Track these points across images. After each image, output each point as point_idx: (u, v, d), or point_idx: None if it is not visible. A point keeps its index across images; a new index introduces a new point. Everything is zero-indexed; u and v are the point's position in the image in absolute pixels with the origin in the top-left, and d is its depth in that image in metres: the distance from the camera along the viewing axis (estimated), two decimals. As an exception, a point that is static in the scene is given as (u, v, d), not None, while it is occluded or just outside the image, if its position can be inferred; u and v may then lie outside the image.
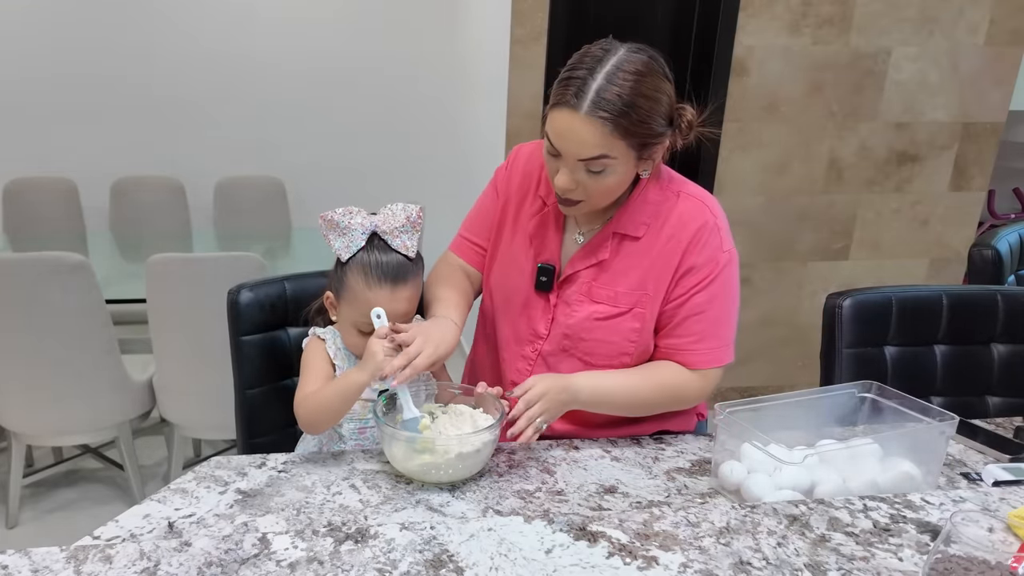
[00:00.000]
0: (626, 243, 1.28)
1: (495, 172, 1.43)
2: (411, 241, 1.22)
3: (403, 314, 1.22)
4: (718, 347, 1.28)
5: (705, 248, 1.24)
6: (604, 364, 1.29)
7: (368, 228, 1.20)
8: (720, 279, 1.25)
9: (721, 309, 1.27)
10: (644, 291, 1.26)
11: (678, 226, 1.25)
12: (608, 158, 1.14)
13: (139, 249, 3.27)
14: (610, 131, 1.11)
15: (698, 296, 1.25)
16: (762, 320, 3.18)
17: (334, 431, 1.29)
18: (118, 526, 1.00)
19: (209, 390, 2.29)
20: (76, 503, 2.61)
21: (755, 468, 1.12)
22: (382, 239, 1.20)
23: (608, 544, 0.90)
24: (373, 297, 1.19)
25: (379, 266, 1.18)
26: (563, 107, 1.12)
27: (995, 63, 2.98)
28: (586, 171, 1.16)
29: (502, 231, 1.39)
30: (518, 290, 1.35)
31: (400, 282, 1.20)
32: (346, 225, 1.19)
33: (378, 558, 0.86)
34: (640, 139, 1.14)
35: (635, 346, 1.28)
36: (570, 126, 1.12)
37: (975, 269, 2.16)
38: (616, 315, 1.27)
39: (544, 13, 2.73)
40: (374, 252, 1.19)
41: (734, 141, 2.94)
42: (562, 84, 1.14)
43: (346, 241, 1.19)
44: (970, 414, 1.40)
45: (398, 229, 1.20)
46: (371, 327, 1.19)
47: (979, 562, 0.75)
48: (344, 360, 1.28)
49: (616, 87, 1.10)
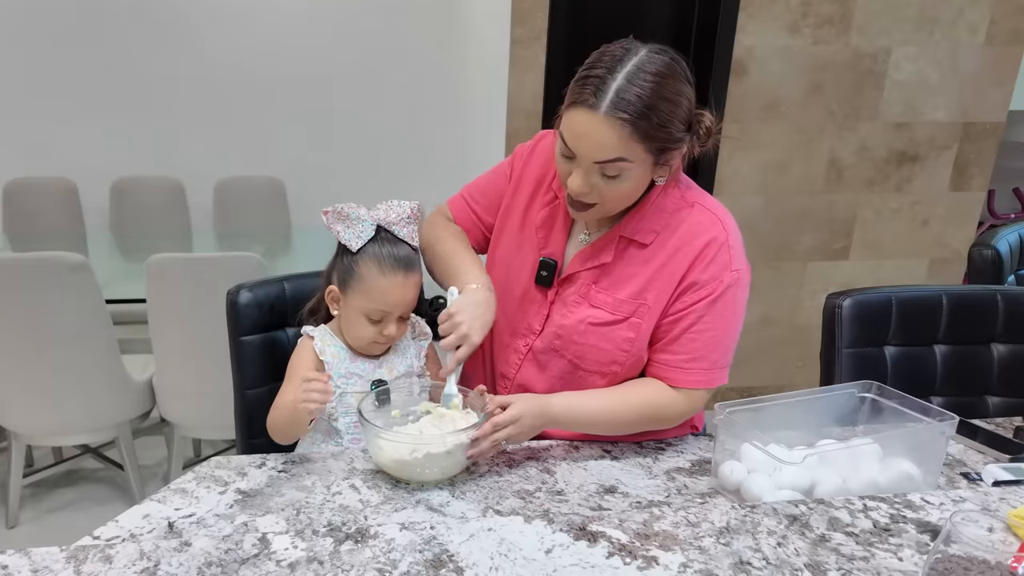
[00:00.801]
0: (632, 249, 1.24)
1: (515, 150, 1.40)
2: (414, 232, 1.26)
3: (411, 300, 1.27)
4: (708, 369, 1.22)
5: (711, 265, 1.19)
6: (594, 370, 1.27)
7: (375, 221, 1.24)
8: (722, 300, 1.20)
9: (718, 331, 1.21)
10: (643, 301, 1.22)
11: (687, 238, 1.21)
12: (625, 162, 1.09)
13: (139, 249, 3.26)
14: (629, 134, 1.06)
15: (695, 314, 1.20)
16: (762, 320, 3.18)
17: (331, 425, 1.29)
18: (118, 526, 1.00)
19: (209, 390, 2.29)
20: (76, 503, 2.61)
21: (755, 468, 1.12)
22: (388, 231, 1.24)
23: (608, 544, 0.90)
24: (388, 284, 1.22)
25: (392, 255, 1.23)
26: (581, 107, 1.08)
27: (995, 63, 2.98)
28: (601, 175, 1.12)
29: (509, 214, 1.36)
30: (518, 281, 1.33)
31: (411, 270, 1.25)
32: (355, 216, 1.22)
33: (378, 558, 0.86)
34: (659, 144, 1.10)
35: (627, 356, 1.24)
36: (588, 127, 1.08)
37: (975, 269, 2.16)
38: (611, 322, 1.24)
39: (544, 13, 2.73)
40: (384, 242, 1.24)
41: (734, 141, 2.94)
42: (580, 83, 1.09)
43: (356, 232, 1.22)
44: (970, 414, 1.40)
45: (403, 221, 1.24)
46: (381, 314, 1.24)
47: (979, 562, 0.75)
48: (333, 355, 1.29)
49: (637, 88, 1.05)
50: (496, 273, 1.36)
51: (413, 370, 1.34)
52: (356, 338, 1.28)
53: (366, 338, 1.26)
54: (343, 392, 1.28)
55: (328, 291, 1.30)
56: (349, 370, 1.29)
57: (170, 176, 3.76)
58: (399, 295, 1.23)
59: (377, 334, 1.25)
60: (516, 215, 1.35)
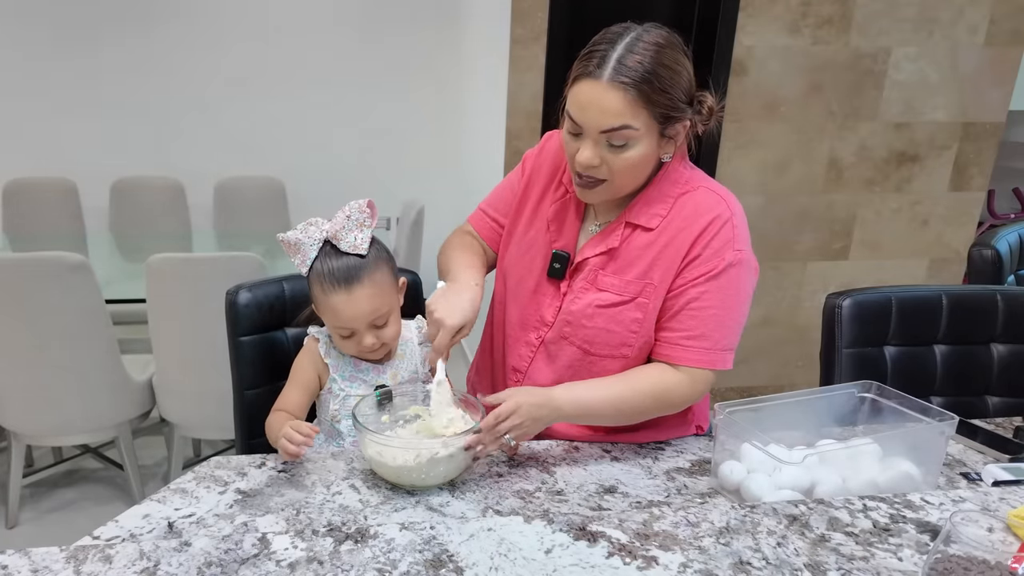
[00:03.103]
0: (638, 232, 1.25)
1: (524, 155, 1.42)
2: (360, 238, 1.21)
3: (368, 313, 1.22)
4: (710, 349, 1.21)
5: (714, 240, 1.20)
6: (605, 354, 1.27)
7: (320, 238, 1.21)
8: (724, 277, 1.20)
9: (719, 310, 1.21)
10: (650, 280, 1.23)
11: (692, 217, 1.22)
12: (631, 129, 1.12)
13: (139, 249, 3.26)
14: (632, 99, 1.10)
15: (696, 289, 1.21)
16: (762, 320, 3.18)
17: (332, 427, 1.29)
18: (118, 526, 1.00)
19: (209, 390, 2.29)
20: (76, 503, 2.61)
21: (755, 468, 1.12)
22: (333, 245, 1.21)
23: (608, 544, 0.90)
24: (333, 303, 1.21)
25: (331, 273, 1.20)
26: (585, 78, 1.12)
27: (995, 63, 2.98)
28: (608, 145, 1.14)
29: (522, 211, 1.38)
30: (530, 274, 1.33)
31: (355, 283, 1.20)
32: (297, 241, 1.20)
33: (378, 558, 0.86)
34: (662, 110, 1.13)
35: (637, 337, 1.25)
36: (592, 95, 1.11)
37: (975, 269, 2.16)
38: (618, 303, 1.24)
39: (544, 13, 2.73)
40: (326, 260, 1.21)
41: (734, 141, 2.94)
42: (583, 59, 1.14)
43: (301, 256, 1.21)
44: (970, 414, 1.40)
45: (344, 230, 1.21)
46: (348, 332, 1.23)
47: (979, 562, 0.75)
48: (337, 358, 1.29)
49: (637, 55, 1.10)
50: (510, 270, 1.38)
51: (418, 375, 1.33)
52: (343, 350, 1.28)
53: (349, 351, 1.27)
54: (347, 395, 1.28)
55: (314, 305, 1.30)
56: (353, 374, 1.29)
57: (170, 176, 3.76)
58: (350, 311, 1.20)
59: (356, 347, 1.25)
60: (528, 212, 1.37)
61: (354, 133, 4.14)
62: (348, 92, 4.06)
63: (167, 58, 3.85)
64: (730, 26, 2.80)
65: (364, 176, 4.16)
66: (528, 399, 1.15)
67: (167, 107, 3.92)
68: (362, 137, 4.14)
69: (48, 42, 3.73)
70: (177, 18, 3.81)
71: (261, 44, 3.91)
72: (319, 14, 3.93)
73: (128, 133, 3.91)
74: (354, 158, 4.16)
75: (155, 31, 3.80)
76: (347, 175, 4.13)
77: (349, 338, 1.24)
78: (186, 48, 3.85)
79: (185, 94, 3.92)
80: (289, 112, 4.03)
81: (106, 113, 3.87)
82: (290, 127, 4.06)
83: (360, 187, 4.09)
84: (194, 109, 3.94)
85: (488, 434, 1.11)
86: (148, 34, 3.80)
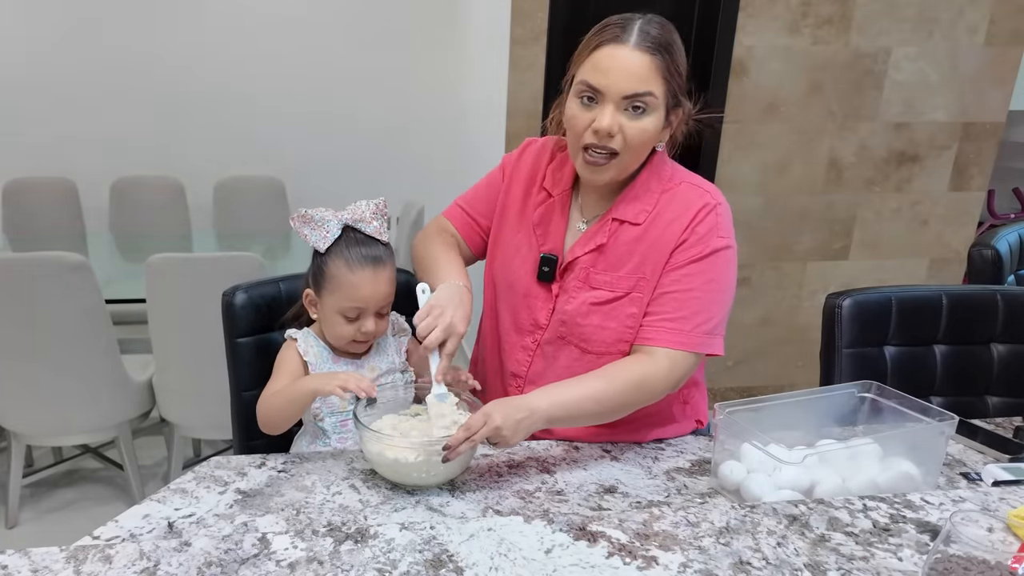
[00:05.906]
0: (625, 227, 1.26)
1: (503, 159, 1.43)
2: (383, 228, 1.27)
3: (385, 295, 1.26)
4: (690, 331, 1.20)
5: (699, 226, 1.22)
6: (602, 351, 1.26)
7: (341, 220, 1.25)
8: (708, 262, 1.21)
9: (703, 292, 1.21)
10: (642, 275, 1.24)
11: (679, 211, 1.24)
12: (651, 96, 1.14)
13: (139, 249, 3.26)
14: (656, 66, 1.13)
15: (679, 272, 1.22)
16: (762, 320, 3.18)
17: (316, 426, 1.29)
18: (118, 526, 1.00)
19: (209, 390, 2.29)
20: (76, 503, 2.61)
21: (755, 468, 1.12)
22: (356, 228, 1.25)
23: (608, 544, 0.90)
24: (358, 280, 1.23)
25: (359, 251, 1.24)
26: (609, 43, 1.14)
27: (995, 63, 2.98)
28: (628, 110, 1.15)
29: (505, 217, 1.38)
30: (520, 280, 1.34)
31: (380, 265, 1.25)
32: (320, 219, 1.23)
33: (378, 558, 0.86)
34: (673, 86, 1.17)
35: (633, 332, 1.24)
36: (618, 59, 1.13)
37: (975, 269, 2.16)
38: (613, 300, 1.25)
39: (544, 13, 2.73)
40: (352, 240, 1.25)
41: (734, 141, 2.94)
42: (599, 32, 1.16)
43: (321, 233, 1.24)
44: (970, 414, 1.40)
45: (369, 217, 1.26)
46: (356, 312, 1.24)
47: (979, 562, 0.75)
48: (316, 356, 1.29)
49: (655, 29, 1.15)
50: (498, 276, 1.38)
51: (395, 367, 1.34)
52: (336, 337, 1.28)
53: (345, 337, 1.27)
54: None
55: (304, 295, 1.31)
56: (332, 370, 1.29)
57: (170, 176, 3.76)
58: (370, 290, 1.24)
59: (356, 332, 1.26)
60: (511, 217, 1.37)
61: (354, 133, 4.14)
62: (348, 92, 4.06)
63: (167, 58, 3.85)
64: (730, 26, 2.80)
65: (364, 176, 4.15)
66: (499, 407, 1.11)
67: (167, 107, 3.92)
68: (362, 137, 4.14)
69: (48, 42, 3.72)
70: (177, 18, 3.80)
71: (261, 44, 3.91)
72: (319, 14, 3.92)
73: (128, 133, 3.91)
74: (354, 158, 4.15)
75: (155, 31, 3.80)
76: (347, 175, 4.13)
77: (353, 321, 1.25)
78: (186, 48, 3.85)
79: (185, 94, 3.91)
80: (289, 112, 4.03)
81: (106, 113, 3.87)
82: (290, 127, 4.05)
83: (360, 187, 4.08)
84: (194, 109, 3.94)
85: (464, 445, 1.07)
86: (148, 34, 3.80)
